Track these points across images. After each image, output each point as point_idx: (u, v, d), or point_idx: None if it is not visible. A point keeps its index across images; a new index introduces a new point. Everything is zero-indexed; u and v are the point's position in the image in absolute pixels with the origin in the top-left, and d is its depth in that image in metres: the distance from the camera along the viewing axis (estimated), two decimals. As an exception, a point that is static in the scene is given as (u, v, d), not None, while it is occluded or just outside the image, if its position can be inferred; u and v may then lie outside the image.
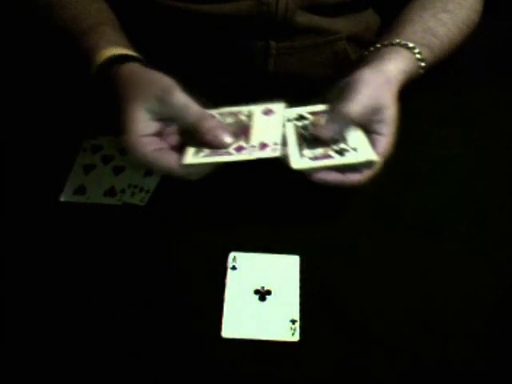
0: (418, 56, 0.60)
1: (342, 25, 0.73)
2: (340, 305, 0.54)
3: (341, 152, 0.53)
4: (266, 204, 0.61)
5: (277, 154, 0.51)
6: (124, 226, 0.59)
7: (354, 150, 0.53)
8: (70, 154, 0.65)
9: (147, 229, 0.59)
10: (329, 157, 0.52)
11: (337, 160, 0.52)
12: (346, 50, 0.75)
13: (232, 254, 0.57)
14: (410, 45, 0.60)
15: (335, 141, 0.53)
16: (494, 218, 0.61)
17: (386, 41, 0.61)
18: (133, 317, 0.53)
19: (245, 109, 0.57)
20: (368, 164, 0.53)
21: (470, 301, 0.54)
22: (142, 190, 0.62)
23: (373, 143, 0.54)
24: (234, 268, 0.56)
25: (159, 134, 0.52)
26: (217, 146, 0.51)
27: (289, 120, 0.57)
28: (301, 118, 0.57)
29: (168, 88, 0.51)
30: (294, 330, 0.51)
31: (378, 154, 0.53)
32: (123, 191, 0.62)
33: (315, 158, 0.53)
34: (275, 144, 0.52)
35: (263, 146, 0.52)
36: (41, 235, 0.58)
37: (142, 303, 0.53)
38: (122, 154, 0.65)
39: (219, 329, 0.51)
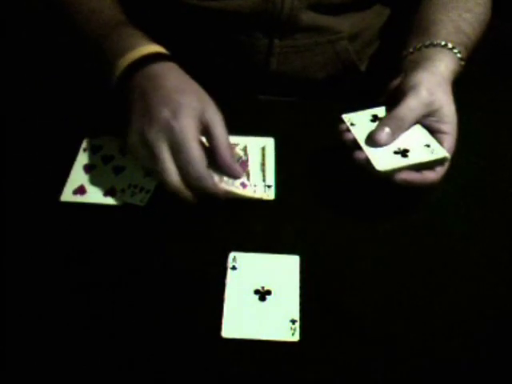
0: (458, 56, 0.61)
1: (345, 24, 0.73)
2: (340, 305, 0.54)
3: (417, 152, 0.55)
4: (266, 204, 0.61)
5: (271, 197, 0.61)
6: (124, 225, 0.59)
7: (428, 147, 0.55)
8: (70, 153, 0.65)
9: (147, 229, 0.59)
10: (406, 157, 0.55)
11: (417, 159, 0.54)
12: (348, 49, 0.75)
13: (232, 254, 0.56)
14: (450, 45, 0.61)
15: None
16: (494, 218, 0.61)
17: (427, 41, 0.62)
18: (133, 317, 0.53)
19: (241, 143, 0.64)
20: (442, 162, 0.55)
21: (470, 301, 0.54)
22: (142, 189, 0.62)
23: (440, 142, 0.56)
24: (233, 268, 0.56)
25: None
26: (231, 176, 0.56)
27: (352, 124, 0.59)
28: (375, 118, 0.59)
29: (210, 101, 0.55)
30: (294, 330, 0.51)
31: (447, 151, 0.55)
32: (123, 191, 0.62)
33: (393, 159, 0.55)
34: (269, 187, 0.62)
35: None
36: (41, 235, 0.58)
37: (142, 303, 0.53)
38: (122, 154, 0.65)
39: (219, 329, 0.51)
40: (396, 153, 0.55)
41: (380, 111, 0.60)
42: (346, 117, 0.59)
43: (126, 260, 0.57)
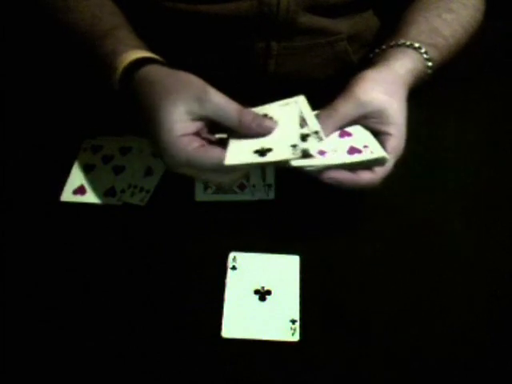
0: (425, 56, 0.60)
1: (343, 25, 0.73)
2: (340, 305, 0.54)
3: (352, 151, 0.53)
4: (266, 204, 0.61)
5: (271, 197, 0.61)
6: (124, 226, 0.59)
7: (365, 147, 0.53)
8: (70, 153, 0.65)
9: (147, 229, 0.59)
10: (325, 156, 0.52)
11: (346, 158, 0.52)
12: (347, 50, 0.75)
13: (232, 254, 0.57)
14: (416, 45, 0.60)
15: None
16: (494, 218, 0.61)
17: (392, 42, 0.61)
18: (133, 317, 0.53)
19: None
20: (379, 162, 0.52)
21: (470, 300, 0.54)
22: (142, 189, 0.62)
23: (382, 143, 0.54)
24: (233, 268, 0.56)
25: (197, 134, 0.52)
26: (263, 133, 0.52)
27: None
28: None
29: (204, 87, 0.52)
30: (294, 330, 0.51)
31: (387, 152, 0.53)
32: (123, 191, 0.62)
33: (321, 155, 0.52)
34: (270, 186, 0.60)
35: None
36: (41, 235, 0.58)
37: (142, 303, 0.53)
38: (122, 154, 0.65)
39: (219, 329, 0.51)
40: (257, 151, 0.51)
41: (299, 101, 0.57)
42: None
43: (126, 260, 0.57)
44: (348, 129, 0.55)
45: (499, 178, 0.65)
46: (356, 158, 0.52)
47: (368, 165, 0.52)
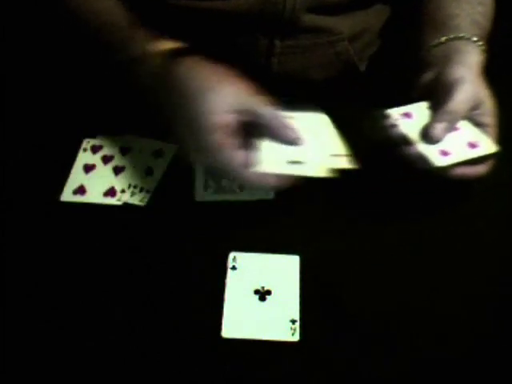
0: (482, 48, 0.61)
1: (346, 25, 0.73)
2: (340, 305, 0.54)
3: (472, 146, 0.55)
4: (266, 204, 0.61)
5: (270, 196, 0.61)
6: (124, 225, 0.59)
7: (479, 142, 0.56)
8: (70, 153, 0.65)
9: (147, 229, 0.59)
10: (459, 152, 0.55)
11: (474, 153, 0.55)
12: (348, 50, 0.75)
13: (232, 254, 0.57)
14: (474, 38, 0.61)
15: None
16: (495, 218, 0.61)
17: (450, 35, 0.62)
18: (133, 317, 0.53)
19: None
20: (492, 155, 0.56)
21: (470, 300, 0.54)
22: (142, 189, 0.62)
23: (485, 135, 0.56)
24: (233, 268, 0.56)
25: (232, 129, 0.54)
26: (294, 142, 0.54)
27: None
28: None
29: (244, 85, 0.55)
30: (294, 330, 0.51)
31: None
32: (123, 191, 0.62)
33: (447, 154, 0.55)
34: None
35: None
36: (41, 235, 0.58)
37: (142, 303, 0.53)
38: (122, 154, 0.65)
39: (219, 329, 0.51)
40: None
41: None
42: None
43: (126, 260, 0.57)
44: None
45: (499, 178, 0.65)
46: (477, 152, 0.55)
47: (483, 159, 0.56)
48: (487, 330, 0.53)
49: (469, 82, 0.56)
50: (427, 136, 0.55)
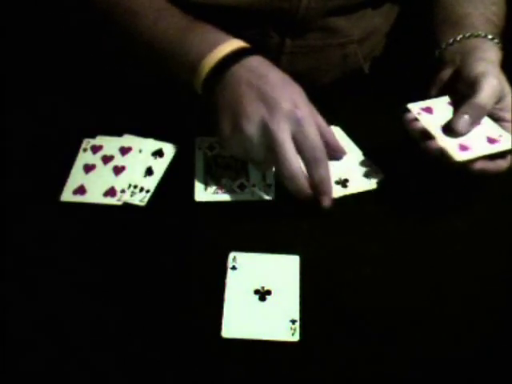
0: (499, 46, 0.62)
1: (356, 28, 0.73)
2: (340, 305, 0.54)
3: (492, 141, 0.56)
4: (266, 204, 0.61)
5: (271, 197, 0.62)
6: (124, 225, 0.59)
7: (500, 137, 0.56)
8: (70, 153, 0.65)
9: (147, 229, 0.59)
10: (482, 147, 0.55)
11: (493, 148, 0.55)
12: (357, 53, 0.75)
13: (232, 254, 0.56)
14: (490, 36, 0.62)
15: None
16: (495, 218, 0.61)
17: (466, 33, 0.62)
18: (132, 317, 0.53)
19: None
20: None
21: (471, 301, 0.54)
22: (142, 189, 0.62)
23: (506, 130, 0.57)
24: (233, 268, 0.56)
25: None
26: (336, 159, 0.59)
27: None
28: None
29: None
30: (294, 330, 0.51)
31: None
32: (123, 191, 0.62)
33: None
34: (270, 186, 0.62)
35: None
36: (41, 235, 0.58)
37: (142, 303, 0.53)
38: (122, 154, 0.65)
39: (219, 329, 0.51)
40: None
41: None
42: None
43: (126, 260, 0.57)
44: None
45: (500, 178, 0.65)
46: (499, 147, 0.55)
47: (503, 154, 0.56)
48: (487, 330, 0.53)
49: (493, 75, 0.56)
50: (451, 129, 0.56)
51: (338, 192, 0.60)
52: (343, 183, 0.62)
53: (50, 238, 0.58)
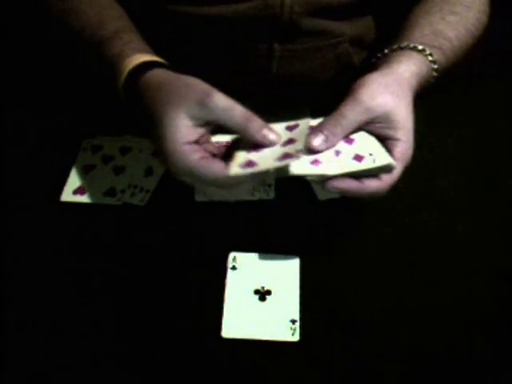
0: (429, 58, 0.59)
1: (345, 27, 0.72)
2: (340, 305, 0.54)
3: (357, 158, 0.50)
4: (266, 204, 0.61)
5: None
6: (124, 225, 0.59)
7: (370, 155, 0.51)
8: (70, 153, 0.65)
9: (147, 229, 0.59)
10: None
11: (351, 166, 0.50)
12: (349, 52, 0.75)
13: (232, 254, 0.57)
14: (420, 47, 0.58)
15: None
16: (495, 220, 0.61)
17: (394, 45, 0.60)
18: (133, 317, 0.53)
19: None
20: (386, 169, 0.50)
21: (471, 301, 0.54)
22: (142, 189, 0.62)
23: (388, 149, 0.52)
24: (234, 268, 0.56)
25: (198, 142, 0.51)
26: (267, 145, 0.50)
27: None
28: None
29: (207, 91, 0.50)
30: (294, 330, 0.51)
31: (394, 159, 0.50)
32: (123, 191, 0.62)
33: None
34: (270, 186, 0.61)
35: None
36: (41, 235, 0.58)
37: (142, 303, 0.53)
38: (122, 154, 0.65)
39: (219, 329, 0.51)
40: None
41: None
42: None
43: (126, 260, 0.57)
44: (352, 135, 0.53)
45: (500, 180, 0.65)
46: (361, 165, 0.50)
47: (375, 172, 0.50)
48: (488, 330, 0.53)
49: (364, 93, 0.52)
50: (309, 146, 0.51)
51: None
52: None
53: (50, 238, 0.58)
